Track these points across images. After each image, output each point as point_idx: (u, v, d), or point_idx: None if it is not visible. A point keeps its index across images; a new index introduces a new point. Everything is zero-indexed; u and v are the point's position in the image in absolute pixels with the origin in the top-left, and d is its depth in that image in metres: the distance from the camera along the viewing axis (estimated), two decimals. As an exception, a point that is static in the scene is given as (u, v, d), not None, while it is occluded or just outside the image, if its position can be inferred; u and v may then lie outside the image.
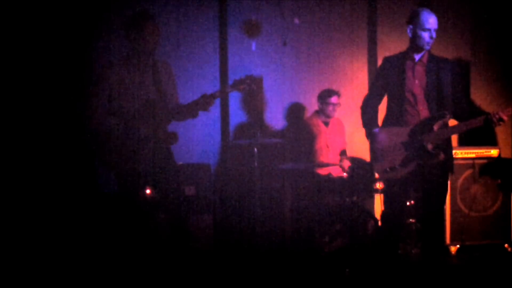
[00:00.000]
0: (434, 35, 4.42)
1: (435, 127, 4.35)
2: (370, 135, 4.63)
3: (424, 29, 4.41)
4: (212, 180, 5.91)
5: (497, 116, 4.20)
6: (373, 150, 4.62)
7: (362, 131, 4.78)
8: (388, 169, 4.50)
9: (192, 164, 5.79)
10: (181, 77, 5.33)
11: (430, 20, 4.40)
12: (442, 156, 4.35)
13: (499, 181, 5.70)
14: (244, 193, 6.00)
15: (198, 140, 6.05)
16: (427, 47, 4.45)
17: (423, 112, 4.45)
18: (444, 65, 4.47)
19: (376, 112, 4.70)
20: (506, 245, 5.74)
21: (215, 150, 6.22)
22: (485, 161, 5.73)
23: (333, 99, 5.89)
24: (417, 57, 4.48)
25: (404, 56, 4.52)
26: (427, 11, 4.47)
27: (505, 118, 4.21)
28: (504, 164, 5.77)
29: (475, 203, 5.68)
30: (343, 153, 6.04)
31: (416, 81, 4.46)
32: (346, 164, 5.85)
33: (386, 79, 4.57)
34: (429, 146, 4.35)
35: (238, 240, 5.52)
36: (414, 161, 4.40)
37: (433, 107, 4.42)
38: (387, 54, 4.78)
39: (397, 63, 4.53)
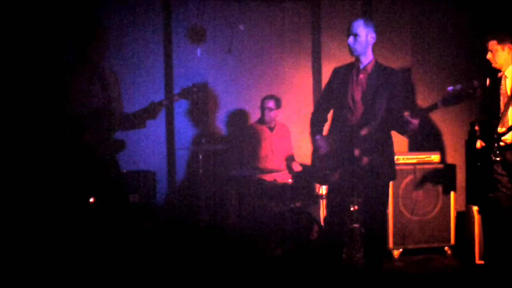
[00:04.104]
0: (356, 40, 4.44)
1: (362, 133, 4.43)
2: (313, 142, 4.69)
3: (348, 34, 4.48)
4: (156, 187, 5.86)
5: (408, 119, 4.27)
6: (313, 157, 4.69)
7: (307, 137, 4.82)
8: (320, 174, 4.60)
9: (137, 171, 5.74)
10: (126, 83, 5.28)
11: (352, 25, 4.47)
12: (365, 160, 4.45)
13: (439, 186, 5.83)
14: (189, 200, 5.98)
15: (142, 147, 5.98)
16: (353, 53, 4.49)
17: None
18: (387, 74, 4.48)
19: (324, 121, 4.75)
20: (446, 248, 5.87)
21: (160, 157, 6.18)
22: (426, 166, 5.85)
23: (268, 103, 5.93)
24: (362, 65, 4.53)
25: (352, 66, 4.58)
26: (356, 19, 4.54)
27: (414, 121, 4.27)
28: (447, 169, 5.91)
29: (416, 208, 5.79)
30: (290, 158, 6.07)
31: (358, 89, 4.52)
32: (296, 167, 5.88)
33: (333, 88, 4.62)
34: (356, 151, 4.43)
35: (183, 246, 5.49)
36: (341, 167, 4.49)
37: (367, 114, 4.48)
38: (331, 61, 4.83)
39: (345, 72, 4.58)
